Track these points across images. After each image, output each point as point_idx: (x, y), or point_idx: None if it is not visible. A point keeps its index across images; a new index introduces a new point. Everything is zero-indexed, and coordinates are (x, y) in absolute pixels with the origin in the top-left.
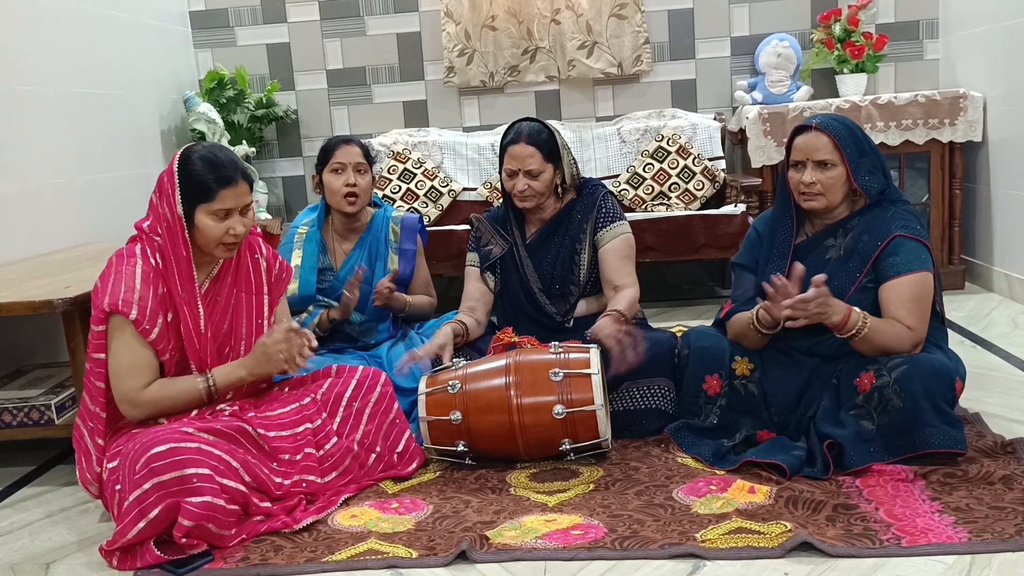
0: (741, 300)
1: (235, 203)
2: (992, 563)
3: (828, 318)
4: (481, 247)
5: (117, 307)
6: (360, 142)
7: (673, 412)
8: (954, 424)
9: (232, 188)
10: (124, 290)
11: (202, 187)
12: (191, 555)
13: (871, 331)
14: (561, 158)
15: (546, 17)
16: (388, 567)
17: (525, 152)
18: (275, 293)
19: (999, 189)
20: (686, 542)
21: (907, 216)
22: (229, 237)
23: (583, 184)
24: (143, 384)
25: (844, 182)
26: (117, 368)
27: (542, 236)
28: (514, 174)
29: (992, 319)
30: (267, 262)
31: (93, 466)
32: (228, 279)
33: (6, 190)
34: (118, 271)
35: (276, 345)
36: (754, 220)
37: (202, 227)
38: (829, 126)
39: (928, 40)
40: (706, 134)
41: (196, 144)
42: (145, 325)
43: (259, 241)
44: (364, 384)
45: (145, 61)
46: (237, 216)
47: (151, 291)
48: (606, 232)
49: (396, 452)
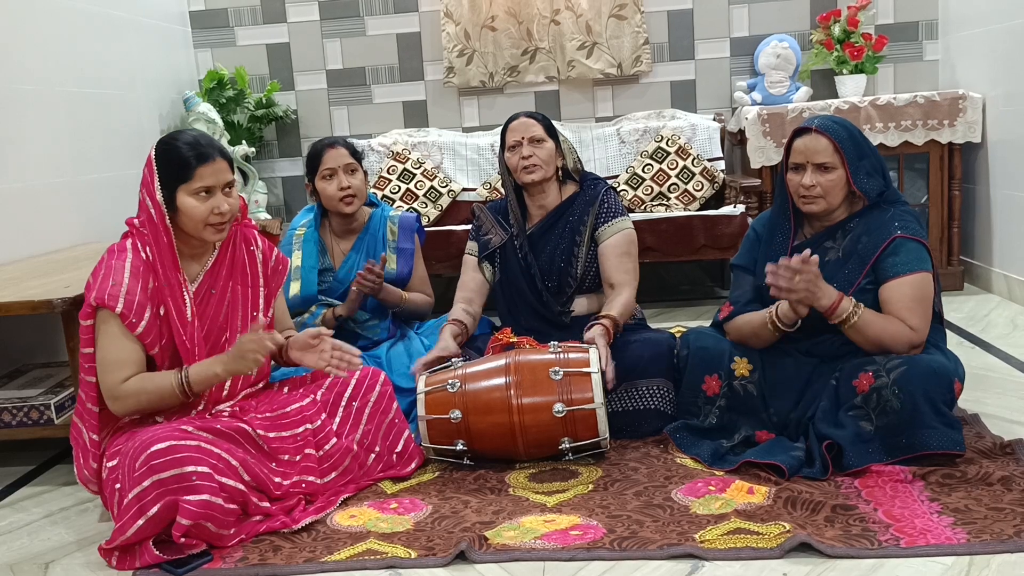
0: (741, 302)
1: (215, 180)
2: (991, 564)
3: (818, 300)
4: (481, 236)
5: (103, 301)
6: (344, 141)
7: (672, 413)
8: (953, 425)
9: (210, 164)
10: (111, 284)
11: (180, 167)
12: (190, 555)
13: (863, 322)
14: (560, 141)
15: (546, 18)
16: (387, 567)
17: (527, 123)
18: (271, 285)
19: (998, 190)
20: (685, 543)
21: (906, 217)
22: (215, 217)
23: (585, 178)
24: (124, 378)
25: (844, 185)
26: (102, 361)
27: (543, 228)
28: (517, 145)
29: (991, 320)
30: (263, 254)
31: (90, 462)
32: (223, 271)
33: (6, 189)
34: (108, 265)
35: (249, 343)
36: (753, 221)
37: (186, 209)
38: (829, 128)
39: (927, 41)
40: (705, 135)
41: (170, 133)
42: (131, 319)
43: (255, 233)
44: (364, 384)
45: (145, 61)
46: (220, 195)
47: (139, 285)
48: (607, 228)
49: (395, 452)
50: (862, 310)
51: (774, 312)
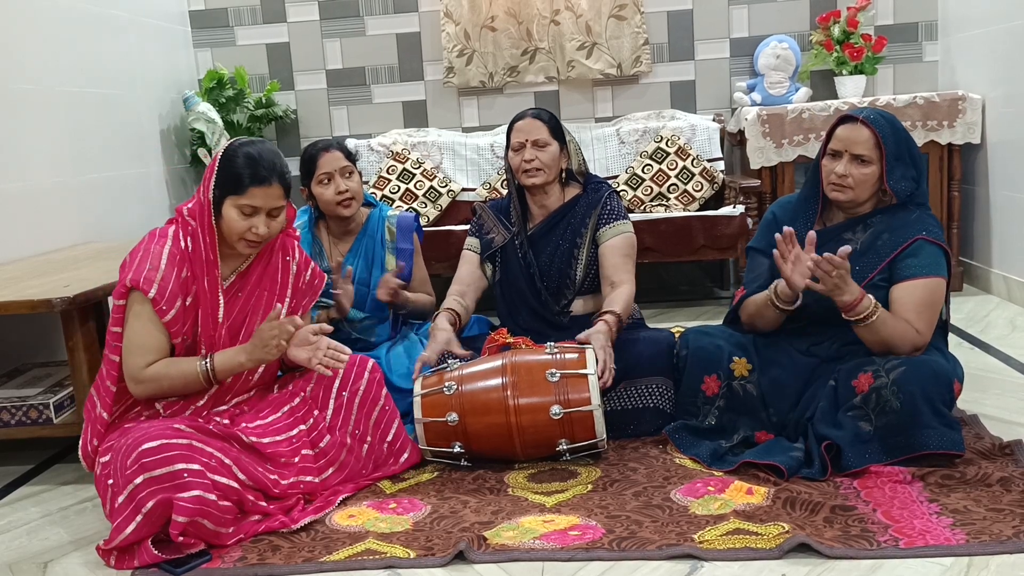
0: (754, 285)
1: (263, 203)
2: (990, 565)
3: (841, 294)
4: (483, 235)
5: (138, 283)
6: (338, 143)
7: (672, 411)
8: (952, 426)
9: (264, 188)
10: (148, 268)
11: (235, 180)
12: (188, 554)
13: (879, 322)
14: (566, 142)
15: (545, 18)
16: (386, 567)
17: (532, 125)
18: (299, 298)
19: (998, 191)
20: (684, 543)
21: (930, 220)
22: (251, 235)
23: (588, 180)
24: (147, 363)
25: (876, 181)
26: (128, 343)
27: (544, 228)
28: (521, 147)
29: (990, 321)
30: (298, 266)
31: (94, 440)
32: (254, 276)
33: (5, 189)
34: (147, 249)
35: (271, 331)
36: (772, 203)
37: (227, 218)
38: (875, 122)
39: (927, 42)
40: (705, 135)
41: (249, 138)
42: (162, 305)
43: (295, 244)
44: (351, 372)
45: (145, 60)
46: (263, 217)
47: (175, 272)
48: (608, 229)
49: (387, 441)
50: (880, 309)
51: (774, 290)
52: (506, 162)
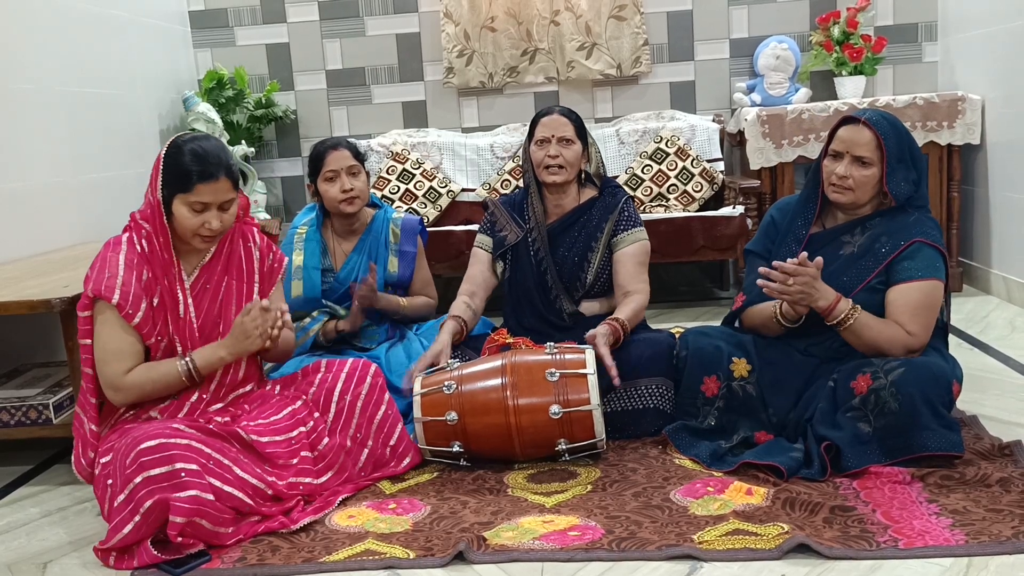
0: (753, 292)
1: (212, 198)
2: (989, 566)
3: (814, 301)
4: (496, 232)
5: (100, 292)
6: (347, 142)
7: (672, 412)
8: (951, 427)
9: (211, 183)
10: (108, 276)
11: (182, 178)
12: (188, 555)
13: (860, 325)
14: (588, 143)
15: (545, 18)
16: (385, 568)
17: (560, 121)
18: (266, 283)
19: (997, 192)
20: (683, 543)
21: (928, 223)
22: (205, 230)
23: (605, 184)
24: (126, 369)
25: (876, 183)
26: (102, 353)
27: (559, 227)
28: (546, 141)
29: (990, 321)
30: (260, 251)
31: (89, 453)
32: (218, 266)
33: (5, 189)
34: (103, 258)
35: (252, 321)
36: (771, 206)
37: (178, 216)
38: (878, 124)
39: (927, 43)
40: (705, 136)
41: (189, 134)
42: (128, 310)
43: (254, 230)
44: (354, 376)
45: (144, 61)
46: (214, 211)
47: (134, 276)
48: (626, 236)
49: (389, 446)
50: (858, 312)
51: (779, 308)
52: (525, 154)
